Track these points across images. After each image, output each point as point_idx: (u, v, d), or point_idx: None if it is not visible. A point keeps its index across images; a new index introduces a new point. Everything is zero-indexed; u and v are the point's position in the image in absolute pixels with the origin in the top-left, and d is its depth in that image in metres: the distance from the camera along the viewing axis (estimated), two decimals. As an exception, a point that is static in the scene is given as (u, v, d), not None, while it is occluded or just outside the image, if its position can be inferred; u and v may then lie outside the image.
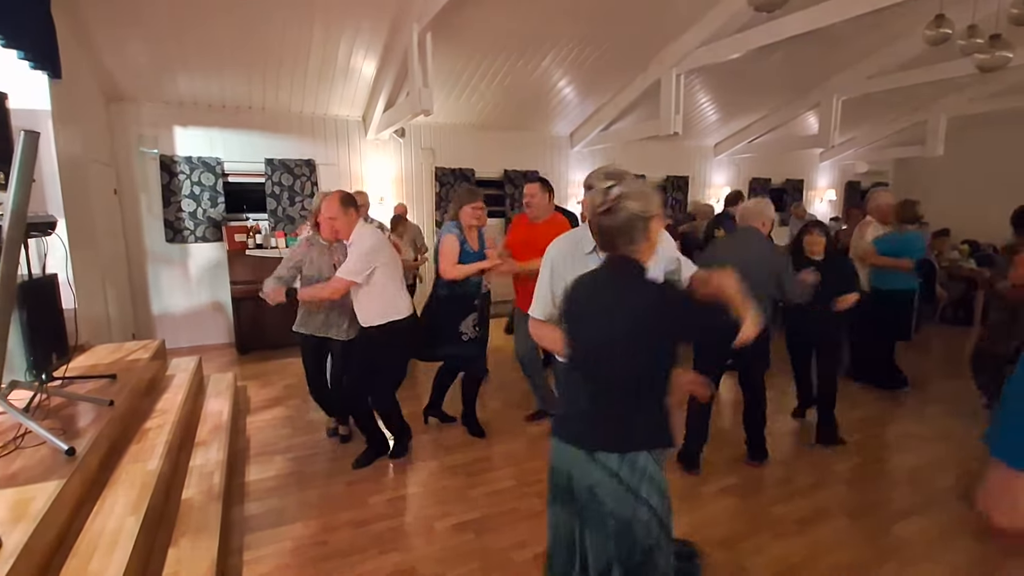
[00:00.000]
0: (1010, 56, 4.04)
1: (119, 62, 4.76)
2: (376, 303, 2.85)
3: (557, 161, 7.77)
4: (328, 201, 2.81)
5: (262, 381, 4.66)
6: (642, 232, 1.38)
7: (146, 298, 5.67)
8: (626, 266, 1.41)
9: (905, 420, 3.87)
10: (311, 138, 6.18)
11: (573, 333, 1.47)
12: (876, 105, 7.94)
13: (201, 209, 5.71)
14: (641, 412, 1.39)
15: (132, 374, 3.07)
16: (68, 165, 3.80)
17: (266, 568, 2.22)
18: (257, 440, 3.47)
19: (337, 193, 2.82)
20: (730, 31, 5.15)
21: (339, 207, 2.77)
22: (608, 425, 1.40)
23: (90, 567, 1.67)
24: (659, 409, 1.41)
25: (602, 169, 1.68)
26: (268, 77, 5.30)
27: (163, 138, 5.52)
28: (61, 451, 2.01)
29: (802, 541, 2.42)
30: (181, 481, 2.50)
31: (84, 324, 3.62)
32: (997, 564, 2.27)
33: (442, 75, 5.60)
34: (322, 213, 2.83)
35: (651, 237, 1.40)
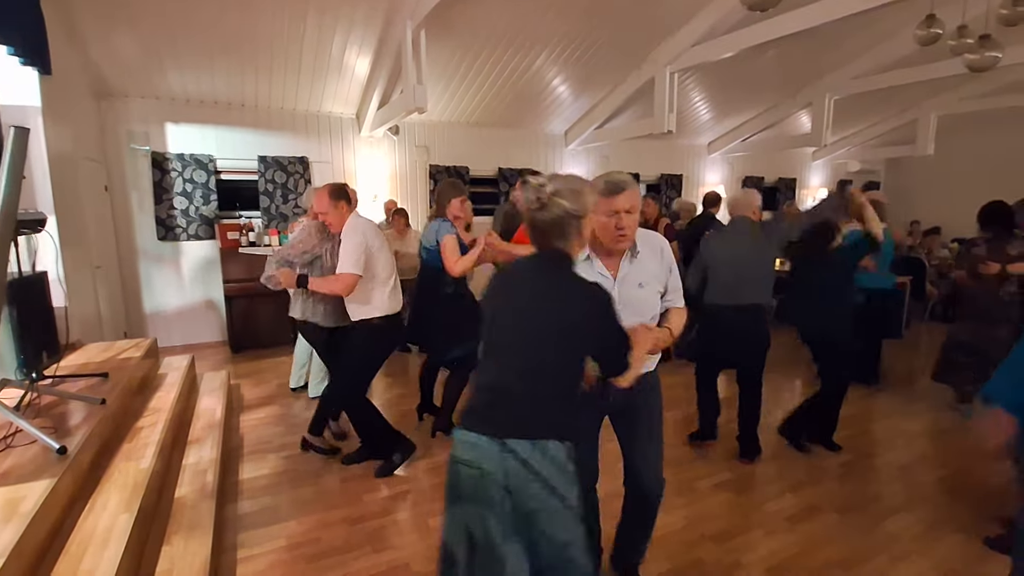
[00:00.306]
0: (999, 56, 4.08)
1: (109, 57, 4.71)
2: (357, 296, 2.79)
3: (552, 159, 7.77)
4: (318, 195, 2.78)
5: (255, 379, 4.64)
6: (574, 230, 1.41)
7: (138, 296, 5.63)
8: (556, 260, 1.43)
9: (894, 417, 3.91)
10: (304, 135, 6.16)
11: (493, 320, 1.47)
12: (868, 104, 8.00)
13: (193, 207, 5.67)
14: (552, 401, 1.39)
15: (124, 372, 3.05)
16: (58, 162, 3.77)
17: (260, 566, 2.22)
18: (250, 438, 3.46)
19: (326, 187, 2.80)
20: (723, 30, 5.17)
21: (329, 201, 2.75)
22: (519, 411, 1.38)
23: (82, 566, 1.66)
24: (569, 402, 1.42)
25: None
26: (260, 73, 5.27)
27: (154, 135, 5.48)
28: (52, 450, 2.00)
29: (794, 537, 2.45)
30: (174, 479, 2.49)
31: (75, 322, 3.60)
32: (982, 557, 2.30)
33: (436, 72, 5.59)
34: (312, 208, 2.83)
35: (583, 234, 1.44)
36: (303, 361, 4.19)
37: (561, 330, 1.38)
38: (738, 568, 2.22)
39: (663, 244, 1.83)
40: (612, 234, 1.66)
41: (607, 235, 1.68)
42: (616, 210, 1.64)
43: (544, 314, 1.39)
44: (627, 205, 1.64)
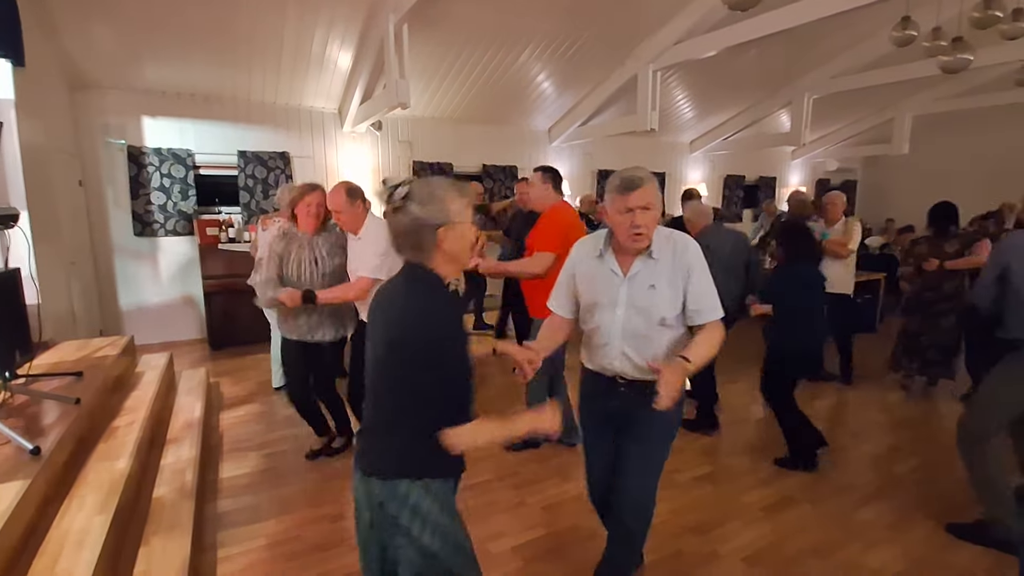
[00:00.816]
0: (971, 59, 4.19)
1: (84, 49, 4.60)
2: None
3: (536, 156, 7.78)
4: (333, 193, 2.63)
5: (235, 377, 4.58)
6: (429, 241, 1.21)
7: (114, 293, 5.51)
8: (409, 275, 1.26)
9: (867, 409, 4.01)
10: (285, 130, 6.08)
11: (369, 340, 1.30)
12: (845, 104, 8.16)
13: (171, 202, 5.57)
14: (402, 434, 1.22)
15: (99, 371, 2.99)
16: (31, 155, 3.67)
17: (240, 564, 2.21)
18: (230, 437, 3.42)
19: (342, 184, 2.67)
20: (705, 28, 5.22)
21: (346, 199, 2.60)
22: (374, 445, 1.28)
23: (57, 567, 1.64)
24: (423, 435, 1.20)
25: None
26: (240, 66, 5.18)
27: (131, 128, 5.36)
28: (26, 450, 1.96)
29: (769, 527, 2.51)
30: (152, 479, 2.46)
31: (48, 320, 3.52)
32: (951, 544, 2.38)
33: (419, 67, 5.56)
34: (327, 205, 2.68)
35: (443, 248, 1.22)
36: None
37: (388, 354, 1.20)
38: (716, 558, 2.27)
39: (688, 246, 1.67)
40: (628, 232, 1.60)
41: (622, 233, 1.62)
42: (630, 207, 1.57)
43: (379, 336, 1.23)
44: (642, 202, 1.57)
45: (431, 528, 1.24)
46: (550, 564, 2.24)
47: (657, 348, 1.69)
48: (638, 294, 1.66)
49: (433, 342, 1.17)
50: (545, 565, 2.24)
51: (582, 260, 1.79)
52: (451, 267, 1.28)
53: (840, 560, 2.27)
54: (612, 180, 1.64)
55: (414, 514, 1.23)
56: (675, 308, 1.66)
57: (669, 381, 1.44)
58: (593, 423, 1.94)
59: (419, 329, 1.17)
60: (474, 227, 1.30)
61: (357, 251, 2.71)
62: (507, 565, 2.22)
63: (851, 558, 2.29)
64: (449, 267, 1.27)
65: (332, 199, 2.65)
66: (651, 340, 1.68)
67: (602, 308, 1.72)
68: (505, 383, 4.39)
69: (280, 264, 2.75)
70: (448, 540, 1.27)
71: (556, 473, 2.96)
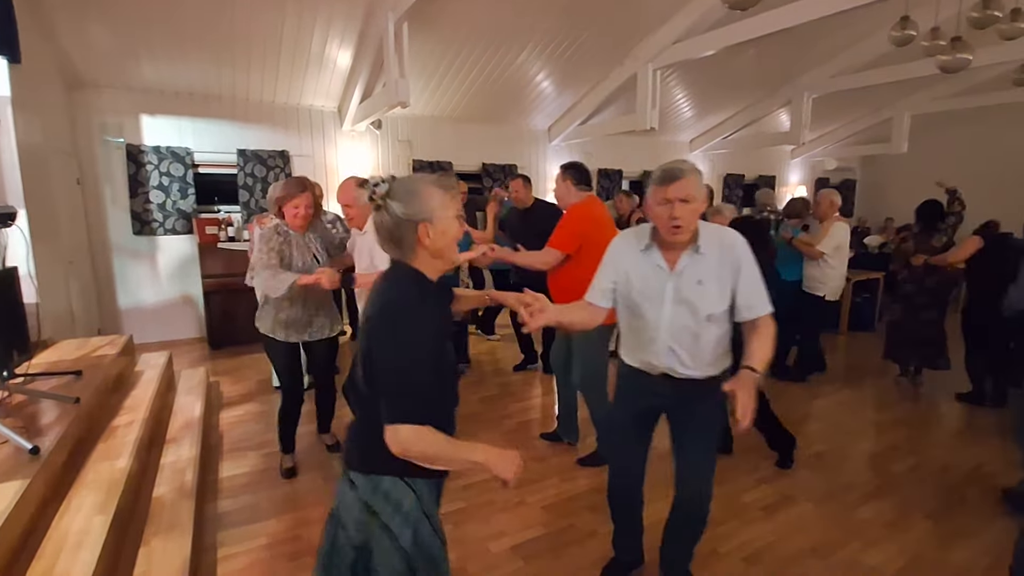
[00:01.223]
0: (970, 58, 4.19)
1: (81, 46, 4.58)
2: None
3: (535, 155, 7.78)
4: (345, 188, 2.65)
5: (235, 376, 4.58)
6: (409, 237, 1.20)
7: (112, 292, 5.50)
8: (393, 272, 1.27)
9: (866, 408, 4.02)
10: (284, 129, 6.06)
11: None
12: (844, 103, 8.16)
13: (170, 200, 5.56)
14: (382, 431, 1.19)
15: (98, 370, 2.99)
16: (28, 154, 3.66)
17: (241, 564, 2.20)
18: (230, 436, 3.42)
19: (352, 179, 2.69)
20: (704, 27, 5.22)
21: (356, 193, 2.59)
22: (357, 441, 1.28)
23: (57, 568, 1.63)
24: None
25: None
26: (239, 64, 5.17)
27: (129, 127, 5.35)
28: (25, 450, 1.96)
29: (769, 526, 2.51)
30: (152, 479, 2.45)
31: (47, 319, 3.51)
32: (949, 541, 2.39)
33: (419, 66, 5.55)
34: (338, 200, 2.72)
35: (425, 244, 1.21)
36: None
37: (368, 350, 1.19)
38: (716, 557, 2.27)
39: (736, 241, 1.67)
40: (666, 224, 1.59)
41: (662, 225, 1.62)
42: (668, 199, 1.55)
43: (362, 332, 1.23)
44: (681, 194, 1.54)
45: (404, 522, 1.23)
46: (550, 563, 2.24)
47: (704, 344, 1.68)
48: (686, 289, 1.65)
49: (402, 340, 1.15)
50: (545, 564, 2.24)
51: (625, 253, 1.76)
52: (435, 263, 1.26)
53: (839, 559, 2.28)
54: (654, 172, 1.64)
55: (399, 513, 1.23)
56: (723, 304, 1.65)
57: (745, 401, 1.41)
58: (633, 420, 1.91)
59: (389, 326, 1.17)
60: (458, 222, 1.26)
61: (367, 245, 2.66)
62: (507, 564, 2.22)
63: (850, 557, 2.29)
64: (433, 263, 1.26)
65: (343, 193, 2.65)
66: (698, 336, 1.67)
67: (648, 303, 1.70)
68: (501, 383, 4.39)
69: (280, 259, 2.61)
70: (423, 544, 1.25)
71: (556, 472, 2.96)
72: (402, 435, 1.13)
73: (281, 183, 2.66)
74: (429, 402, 1.18)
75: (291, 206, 2.63)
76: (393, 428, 1.14)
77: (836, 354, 5.36)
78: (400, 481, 1.23)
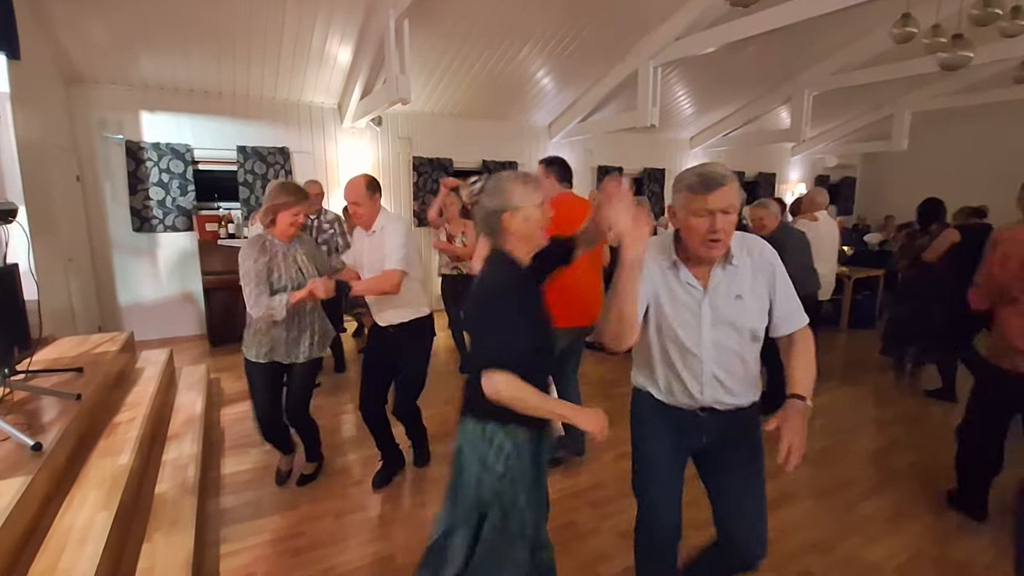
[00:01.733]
0: (971, 56, 4.19)
1: (79, 42, 4.56)
2: (406, 296, 2.55)
3: (536, 152, 7.76)
4: (354, 186, 2.47)
5: (236, 373, 4.57)
6: (497, 225, 1.45)
7: (112, 289, 5.49)
8: (492, 255, 1.51)
9: (865, 404, 4.03)
10: (285, 125, 6.05)
11: None
12: (845, 100, 8.16)
13: (170, 197, 5.54)
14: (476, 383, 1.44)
15: (99, 367, 2.98)
16: (28, 150, 3.65)
17: (244, 560, 2.21)
18: (232, 433, 3.42)
19: (363, 177, 2.53)
20: (705, 24, 5.21)
21: (366, 192, 2.47)
22: (470, 392, 1.48)
23: (60, 564, 1.64)
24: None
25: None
26: (239, 61, 5.15)
27: (128, 123, 5.33)
28: (27, 446, 1.96)
29: (771, 523, 2.48)
30: (154, 475, 2.45)
31: (47, 316, 3.50)
32: (950, 536, 2.39)
33: (419, 63, 5.53)
34: (345, 199, 2.50)
35: (511, 229, 1.45)
36: None
37: (470, 320, 1.50)
38: (717, 554, 2.28)
39: (764, 248, 1.50)
40: (702, 238, 1.36)
41: (696, 239, 1.38)
42: (709, 210, 1.33)
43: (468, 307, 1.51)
44: (723, 204, 1.33)
45: (476, 460, 1.46)
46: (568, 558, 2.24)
47: (748, 366, 1.50)
48: (724, 307, 1.44)
49: (497, 310, 1.39)
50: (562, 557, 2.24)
51: (652, 269, 1.48)
52: (524, 246, 1.48)
53: (840, 554, 2.28)
54: (685, 177, 1.40)
55: (471, 447, 1.47)
56: (764, 317, 1.47)
57: (794, 439, 1.35)
58: (667, 464, 1.61)
59: (482, 295, 1.44)
60: (541, 210, 1.47)
61: (374, 246, 2.54)
62: (509, 560, 2.22)
63: (851, 552, 2.30)
64: (522, 246, 1.48)
65: (352, 192, 2.48)
66: (744, 359, 1.48)
67: (684, 329, 1.47)
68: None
69: (267, 278, 2.39)
70: (519, 494, 1.46)
71: (557, 471, 2.96)
72: (496, 379, 1.33)
73: (276, 186, 2.37)
74: (522, 366, 1.35)
75: (290, 214, 2.39)
76: (488, 374, 1.34)
77: (836, 351, 5.37)
78: (505, 433, 1.44)
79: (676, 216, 1.44)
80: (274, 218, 2.39)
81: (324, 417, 3.65)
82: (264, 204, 2.40)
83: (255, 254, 2.37)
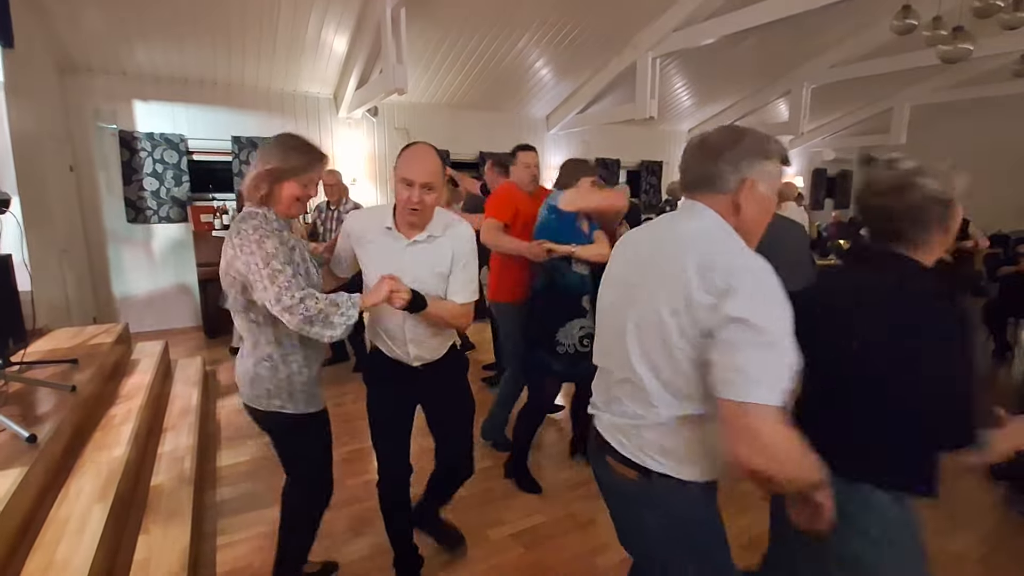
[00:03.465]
0: (971, 48, 4.18)
1: (73, 31, 4.50)
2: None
3: (534, 143, 7.70)
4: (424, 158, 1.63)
5: (231, 364, 4.54)
6: (938, 220, 1.09)
7: (107, 280, 5.46)
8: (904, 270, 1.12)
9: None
10: (280, 115, 6.00)
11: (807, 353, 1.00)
12: (843, 93, 8.13)
13: (164, 188, 5.50)
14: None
15: (94, 359, 2.97)
16: (21, 140, 3.61)
17: (241, 551, 2.21)
18: (228, 425, 3.42)
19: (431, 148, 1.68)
20: (704, 16, 5.18)
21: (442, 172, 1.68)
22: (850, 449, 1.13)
23: (56, 555, 1.63)
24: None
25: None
26: (233, 50, 5.09)
27: (122, 113, 5.28)
28: (22, 438, 1.95)
29: (766, 514, 2.52)
30: (150, 467, 2.45)
31: (42, 307, 3.48)
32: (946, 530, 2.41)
33: (416, 53, 5.49)
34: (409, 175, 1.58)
35: (950, 228, 1.11)
36: None
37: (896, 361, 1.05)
38: (713, 546, 2.29)
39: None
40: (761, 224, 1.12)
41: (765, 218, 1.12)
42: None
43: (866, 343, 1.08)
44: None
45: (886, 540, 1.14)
46: (549, 551, 2.26)
47: None
48: None
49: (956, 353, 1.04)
50: (544, 551, 2.25)
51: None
52: (939, 251, 1.14)
53: (835, 547, 2.30)
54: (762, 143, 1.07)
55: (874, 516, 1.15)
56: None
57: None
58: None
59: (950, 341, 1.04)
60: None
61: (420, 256, 1.68)
62: (507, 552, 2.23)
63: (846, 545, 2.31)
64: (937, 251, 1.14)
65: (427, 166, 1.61)
66: None
67: None
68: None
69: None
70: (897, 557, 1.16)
71: (555, 461, 2.97)
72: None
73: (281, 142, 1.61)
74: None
75: (300, 184, 1.60)
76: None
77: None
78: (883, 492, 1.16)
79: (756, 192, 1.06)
80: (271, 188, 1.58)
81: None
82: (258, 167, 1.56)
83: (271, 230, 1.52)
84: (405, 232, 1.69)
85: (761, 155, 1.05)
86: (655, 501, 1.15)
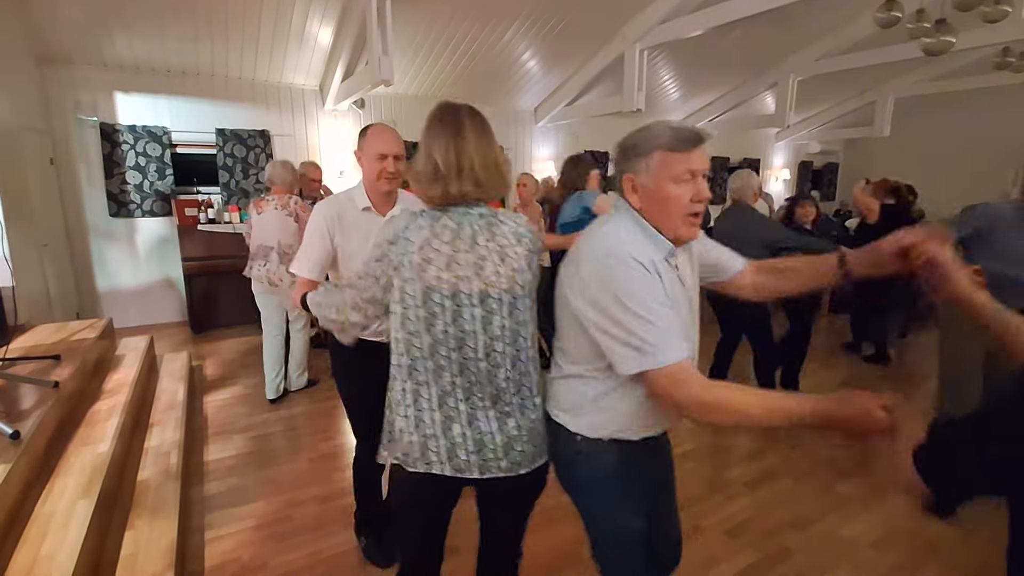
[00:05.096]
0: (953, 41, 4.22)
1: (51, 20, 4.39)
2: None
3: (521, 136, 7.71)
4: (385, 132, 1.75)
5: (217, 359, 4.53)
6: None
7: (90, 275, 5.38)
8: None
9: (849, 387, 4.12)
10: (265, 107, 5.92)
11: None
12: (828, 86, 8.19)
13: (148, 181, 5.42)
14: None
15: (78, 354, 2.93)
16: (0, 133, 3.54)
17: (229, 545, 2.21)
18: (214, 419, 3.40)
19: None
20: (691, 7, 5.18)
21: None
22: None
23: (41, 551, 1.62)
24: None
25: None
26: (216, 40, 5.01)
27: (103, 104, 5.18)
28: (5, 435, 1.92)
29: (750, 501, 2.57)
30: (136, 463, 2.43)
31: (23, 302, 3.42)
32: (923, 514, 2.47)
33: (403, 44, 5.43)
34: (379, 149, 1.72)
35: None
36: (277, 368, 3.63)
37: None
38: (698, 531, 2.33)
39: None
40: (686, 211, 1.08)
41: (678, 215, 1.08)
42: (693, 171, 1.05)
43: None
44: (705, 165, 1.08)
45: None
46: (542, 539, 2.28)
47: None
48: (696, 303, 1.21)
49: None
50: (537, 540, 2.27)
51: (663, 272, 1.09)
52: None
53: (818, 531, 2.35)
54: (655, 133, 1.06)
55: None
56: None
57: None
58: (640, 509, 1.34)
59: None
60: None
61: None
62: (495, 542, 2.25)
63: (828, 529, 2.37)
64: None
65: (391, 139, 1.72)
66: None
67: (689, 339, 1.15)
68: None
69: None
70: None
71: (543, 452, 2.99)
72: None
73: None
74: None
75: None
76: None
77: (816, 336, 5.45)
78: None
79: (639, 187, 1.09)
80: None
81: (307, 402, 3.65)
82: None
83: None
84: (379, 209, 1.78)
85: (633, 154, 1.11)
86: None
